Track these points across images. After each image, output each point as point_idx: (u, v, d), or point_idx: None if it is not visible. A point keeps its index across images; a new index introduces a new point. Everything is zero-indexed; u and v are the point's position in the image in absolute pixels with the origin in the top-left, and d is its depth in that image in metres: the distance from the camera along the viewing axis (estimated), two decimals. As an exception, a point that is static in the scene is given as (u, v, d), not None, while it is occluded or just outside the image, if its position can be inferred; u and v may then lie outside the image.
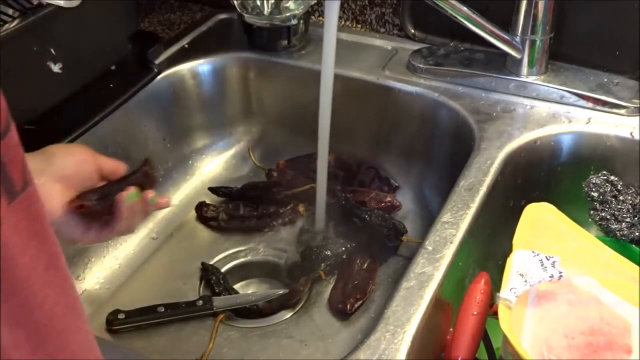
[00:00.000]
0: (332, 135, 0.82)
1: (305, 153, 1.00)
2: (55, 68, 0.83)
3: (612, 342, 0.60)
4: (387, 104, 0.96)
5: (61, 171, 0.65)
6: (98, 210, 0.66)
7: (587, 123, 0.86)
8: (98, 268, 0.89)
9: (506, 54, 0.90)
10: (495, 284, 0.66)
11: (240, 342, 0.80)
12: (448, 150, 0.93)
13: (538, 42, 0.88)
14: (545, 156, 0.86)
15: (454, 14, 0.84)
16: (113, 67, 0.94)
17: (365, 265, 0.86)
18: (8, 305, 0.36)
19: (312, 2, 1.00)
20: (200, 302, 0.82)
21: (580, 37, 0.92)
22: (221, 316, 0.82)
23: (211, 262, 0.90)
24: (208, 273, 0.87)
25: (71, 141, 0.85)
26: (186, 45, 1.04)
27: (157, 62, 0.98)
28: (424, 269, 0.67)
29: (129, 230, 0.70)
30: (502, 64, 0.92)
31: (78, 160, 0.67)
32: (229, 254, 0.92)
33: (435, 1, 0.83)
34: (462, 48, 0.98)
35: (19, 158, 0.36)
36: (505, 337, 0.59)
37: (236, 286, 0.89)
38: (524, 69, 0.90)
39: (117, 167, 0.71)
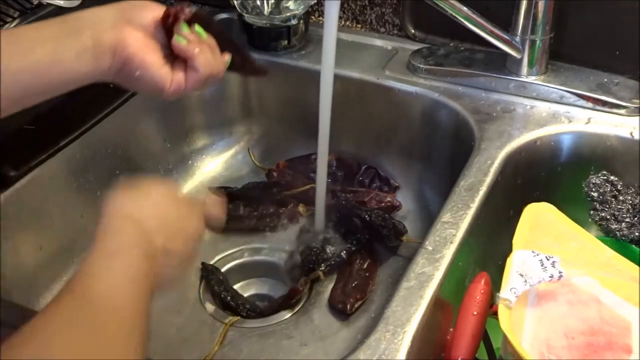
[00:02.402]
0: (332, 135, 0.82)
1: (305, 153, 1.00)
2: (55, 68, 0.82)
3: (612, 342, 0.60)
4: (387, 104, 0.96)
5: (141, 23, 0.62)
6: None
7: (587, 123, 0.86)
8: (98, 268, 0.89)
9: (506, 54, 0.90)
10: (495, 284, 0.66)
11: (240, 342, 0.80)
12: (448, 150, 0.93)
13: (538, 42, 0.88)
14: (545, 156, 0.86)
15: (454, 14, 0.84)
16: (113, 67, 0.94)
17: (365, 265, 0.86)
18: None
19: (312, 2, 1.00)
20: None
21: (580, 37, 0.92)
22: (233, 319, 0.82)
23: (211, 262, 0.90)
24: (208, 273, 0.87)
25: (71, 142, 0.85)
26: (186, 45, 1.04)
27: (157, 62, 0.98)
28: (424, 269, 0.67)
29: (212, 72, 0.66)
30: (502, 64, 0.92)
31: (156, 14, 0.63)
32: (229, 254, 0.92)
33: (435, 1, 0.83)
34: (462, 48, 0.98)
35: None
36: (505, 337, 0.59)
37: (236, 286, 0.89)
38: (524, 69, 0.90)
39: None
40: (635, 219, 0.84)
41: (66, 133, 0.85)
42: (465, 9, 0.84)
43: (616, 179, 0.85)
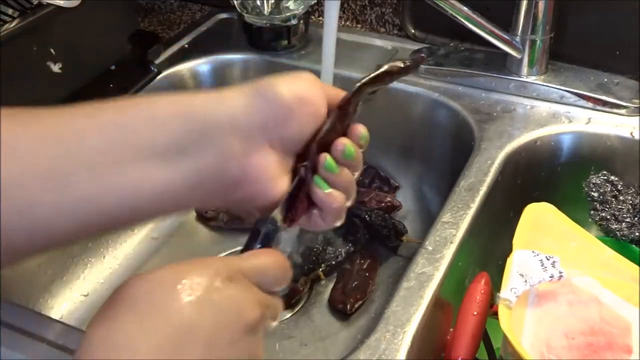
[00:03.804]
0: (332, 135, 0.81)
1: (305, 153, 1.00)
2: (55, 68, 0.83)
3: (612, 342, 0.60)
4: (387, 104, 0.96)
5: (284, 138, 0.44)
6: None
7: (587, 123, 0.86)
8: (98, 268, 0.89)
9: (506, 54, 0.90)
10: (495, 284, 0.66)
11: (240, 342, 0.80)
12: (448, 150, 0.93)
13: (538, 42, 0.88)
14: (545, 156, 0.86)
15: (454, 14, 0.84)
16: (113, 67, 0.94)
17: (365, 265, 0.86)
18: None
19: (312, 2, 1.00)
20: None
21: (580, 37, 0.92)
22: None
23: (211, 262, 0.89)
24: (208, 273, 0.87)
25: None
26: (186, 45, 1.04)
27: (157, 62, 0.98)
28: (424, 269, 0.67)
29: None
30: (502, 64, 0.92)
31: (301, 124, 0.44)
32: (229, 254, 0.92)
33: (435, 1, 0.83)
34: (462, 48, 0.98)
35: None
36: (505, 337, 0.59)
37: (236, 286, 0.88)
38: (524, 69, 0.90)
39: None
40: (636, 219, 0.84)
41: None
42: (465, 9, 0.84)
43: (616, 179, 0.85)
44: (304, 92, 0.44)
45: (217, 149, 0.41)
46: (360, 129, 0.48)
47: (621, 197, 0.85)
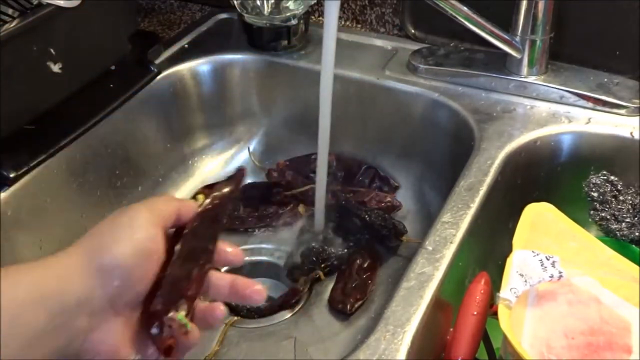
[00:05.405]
0: (332, 135, 0.82)
1: (305, 153, 1.00)
2: (55, 68, 0.83)
3: (612, 342, 0.60)
4: (387, 104, 0.96)
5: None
6: None
7: (587, 123, 0.86)
8: (98, 268, 0.89)
9: (506, 54, 0.90)
10: (495, 284, 0.66)
11: (240, 342, 0.80)
12: (448, 150, 0.93)
13: (538, 42, 0.88)
14: (545, 156, 0.86)
15: (454, 14, 0.84)
16: (113, 67, 0.94)
17: (365, 265, 0.86)
18: None
19: (312, 2, 1.00)
20: None
21: (580, 37, 0.92)
22: (233, 319, 0.82)
23: (211, 262, 0.89)
24: (208, 273, 0.87)
25: (71, 142, 0.85)
26: (186, 45, 1.04)
27: (157, 62, 0.98)
28: (424, 269, 0.67)
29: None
30: (502, 64, 0.92)
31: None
32: (229, 254, 0.92)
33: (435, 1, 0.83)
34: (462, 48, 0.98)
35: None
36: (505, 337, 0.59)
37: (236, 286, 0.88)
38: (524, 69, 0.90)
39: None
40: (636, 219, 0.84)
41: (66, 133, 0.85)
42: (465, 9, 0.84)
43: (616, 179, 0.85)
44: (141, 248, 0.46)
45: (64, 330, 0.43)
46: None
47: (621, 197, 0.85)
